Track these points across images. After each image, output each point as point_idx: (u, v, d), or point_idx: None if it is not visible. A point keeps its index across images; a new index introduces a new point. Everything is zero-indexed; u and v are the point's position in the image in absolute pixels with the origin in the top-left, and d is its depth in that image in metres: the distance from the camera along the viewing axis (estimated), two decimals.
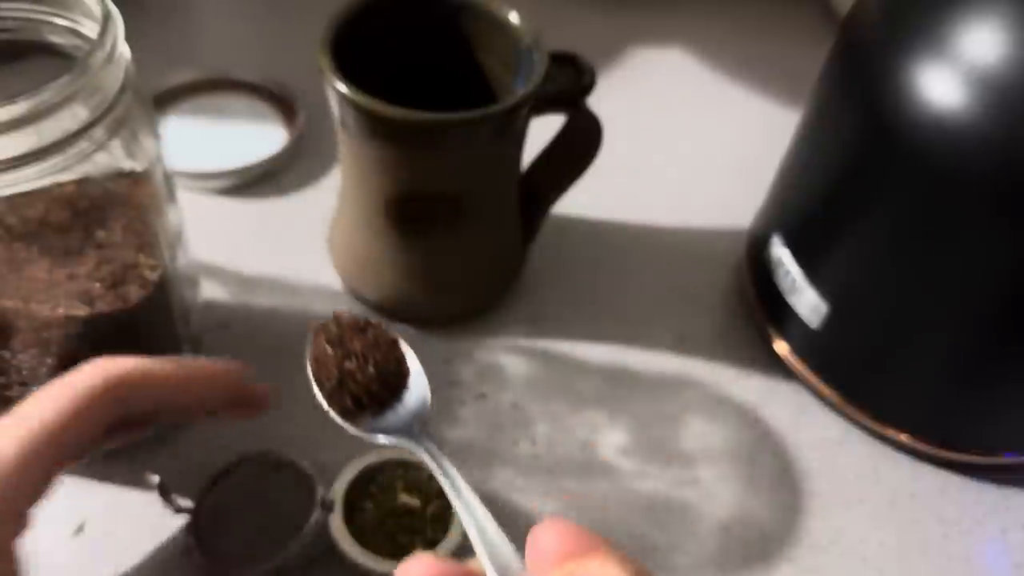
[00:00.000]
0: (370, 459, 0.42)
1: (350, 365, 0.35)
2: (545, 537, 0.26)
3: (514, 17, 0.47)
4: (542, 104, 0.46)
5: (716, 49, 0.76)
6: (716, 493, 0.47)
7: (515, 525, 0.44)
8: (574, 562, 0.25)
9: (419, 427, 0.35)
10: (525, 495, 0.46)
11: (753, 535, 0.45)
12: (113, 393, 0.33)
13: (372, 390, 0.35)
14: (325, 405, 0.35)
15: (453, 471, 0.33)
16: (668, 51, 0.76)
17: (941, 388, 0.46)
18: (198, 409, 0.37)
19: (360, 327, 0.36)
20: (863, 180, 0.43)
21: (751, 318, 0.54)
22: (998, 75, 0.37)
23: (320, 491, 0.41)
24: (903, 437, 0.48)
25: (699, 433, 0.49)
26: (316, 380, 0.35)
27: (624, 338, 0.53)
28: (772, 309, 0.52)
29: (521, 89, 0.44)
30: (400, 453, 0.42)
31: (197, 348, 0.47)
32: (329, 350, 0.35)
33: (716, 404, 0.51)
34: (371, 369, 0.35)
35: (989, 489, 0.49)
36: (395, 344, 0.37)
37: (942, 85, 0.38)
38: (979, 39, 0.38)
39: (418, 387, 0.36)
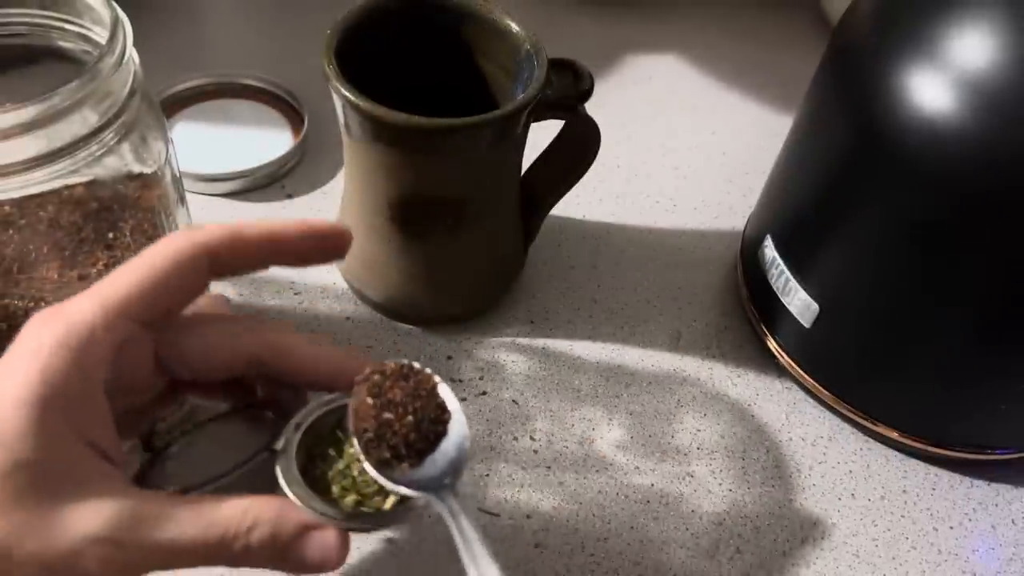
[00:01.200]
0: (337, 401, 0.36)
1: (388, 415, 0.34)
2: None
3: (514, 24, 0.47)
4: (542, 109, 0.47)
5: (711, 56, 0.77)
6: (710, 488, 0.48)
7: (514, 520, 0.45)
8: None
9: (452, 478, 0.33)
10: (524, 490, 0.46)
11: (746, 529, 0.46)
12: (201, 254, 0.32)
13: (410, 440, 0.34)
14: (362, 457, 0.33)
15: (472, 535, 0.31)
16: (664, 57, 0.76)
17: (931, 386, 0.47)
18: (288, 262, 0.35)
19: (403, 374, 0.35)
20: (854, 183, 0.44)
21: (745, 317, 0.55)
22: (987, 80, 0.38)
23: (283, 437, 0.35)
24: (894, 434, 0.49)
25: (694, 429, 0.50)
26: (355, 431, 0.33)
27: (621, 337, 0.54)
28: (765, 309, 0.52)
29: (521, 95, 0.44)
30: None
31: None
32: (369, 400, 0.34)
33: (711, 401, 0.51)
34: (409, 418, 0.34)
35: (979, 485, 0.50)
36: (435, 391, 0.35)
37: (932, 90, 0.39)
38: (968, 45, 0.39)
39: (457, 433, 0.35)
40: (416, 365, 0.35)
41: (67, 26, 0.41)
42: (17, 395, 0.28)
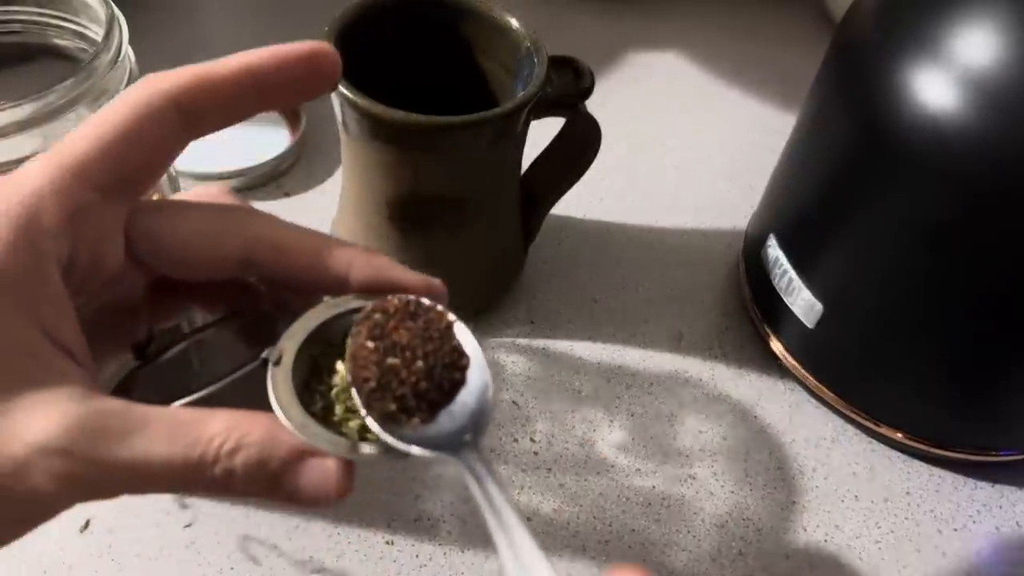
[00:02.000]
0: (348, 304, 0.30)
1: (393, 361, 0.28)
2: None
3: (514, 21, 0.47)
4: (542, 107, 0.46)
5: (713, 53, 0.76)
6: (712, 490, 0.47)
7: None
8: None
9: (474, 434, 0.28)
10: (524, 492, 0.46)
11: (749, 531, 0.46)
12: (166, 102, 0.27)
13: (420, 389, 0.28)
14: (363, 412, 0.27)
15: (501, 500, 0.26)
16: (665, 55, 0.76)
17: (935, 387, 0.47)
18: (274, 100, 0.29)
19: (410, 312, 0.29)
20: (858, 181, 0.43)
21: (747, 318, 0.55)
22: (991, 77, 0.38)
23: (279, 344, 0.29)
24: (898, 435, 0.49)
25: (696, 431, 0.50)
26: (355, 381, 0.28)
27: (622, 337, 0.54)
28: (768, 309, 0.52)
29: (521, 92, 0.44)
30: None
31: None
32: (370, 344, 0.28)
33: (713, 402, 0.51)
34: (419, 364, 0.28)
35: (983, 486, 0.49)
36: (450, 331, 0.29)
37: (936, 88, 0.39)
38: (972, 42, 0.38)
39: (477, 381, 0.29)
40: (426, 301, 0.30)
41: (63, 23, 0.41)
42: None
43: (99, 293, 0.28)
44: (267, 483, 0.26)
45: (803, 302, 0.48)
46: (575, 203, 0.60)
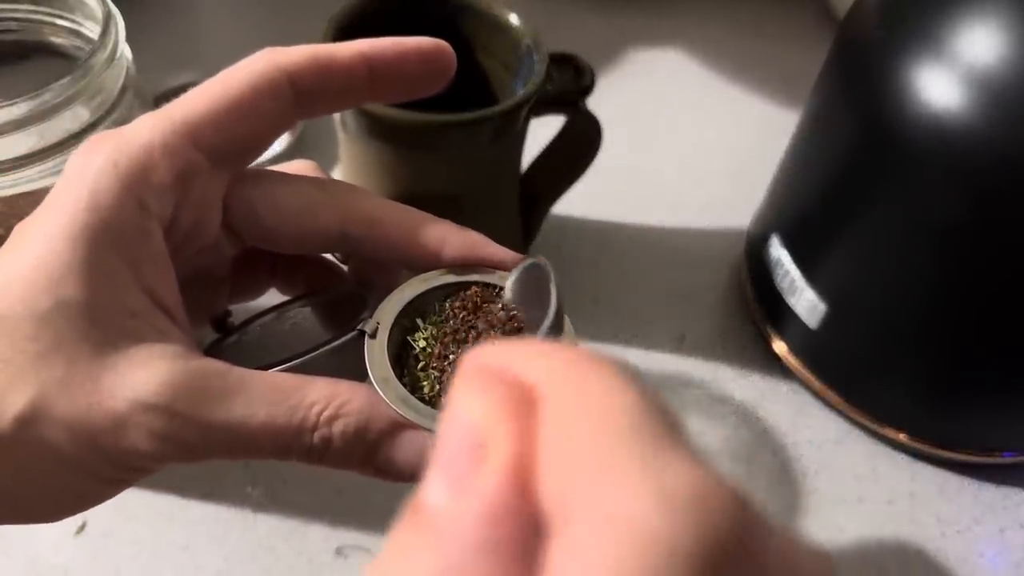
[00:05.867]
0: (439, 279, 0.30)
1: (464, 344, 0.28)
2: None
3: (514, 18, 0.47)
4: (542, 105, 0.46)
5: (715, 50, 0.76)
6: None
7: None
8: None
9: None
10: None
11: None
12: (282, 78, 0.27)
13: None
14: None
15: None
16: (667, 52, 0.76)
17: (940, 388, 0.46)
18: (388, 92, 0.30)
19: (480, 302, 0.29)
20: (861, 180, 0.43)
21: (750, 318, 0.54)
22: (995, 75, 0.37)
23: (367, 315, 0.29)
24: (901, 436, 0.48)
25: (698, 432, 0.49)
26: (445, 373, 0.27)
27: (623, 338, 0.53)
28: (771, 309, 0.51)
29: (521, 90, 0.44)
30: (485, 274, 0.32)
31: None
32: (447, 339, 0.28)
33: (715, 404, 0.51)
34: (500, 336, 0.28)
35: (987, 488, 0.49)
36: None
37: (940, 86, 0.38)
38: (976, 40, 0.38)
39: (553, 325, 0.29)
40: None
41: (59, 21, 0.41)
42: (60, 225, 0.23)
43: (190, 261, 0.28)
44: (362, 454, 0.25)
45: (806, 302, 0.48)
46: (576, 202, 0.60)
